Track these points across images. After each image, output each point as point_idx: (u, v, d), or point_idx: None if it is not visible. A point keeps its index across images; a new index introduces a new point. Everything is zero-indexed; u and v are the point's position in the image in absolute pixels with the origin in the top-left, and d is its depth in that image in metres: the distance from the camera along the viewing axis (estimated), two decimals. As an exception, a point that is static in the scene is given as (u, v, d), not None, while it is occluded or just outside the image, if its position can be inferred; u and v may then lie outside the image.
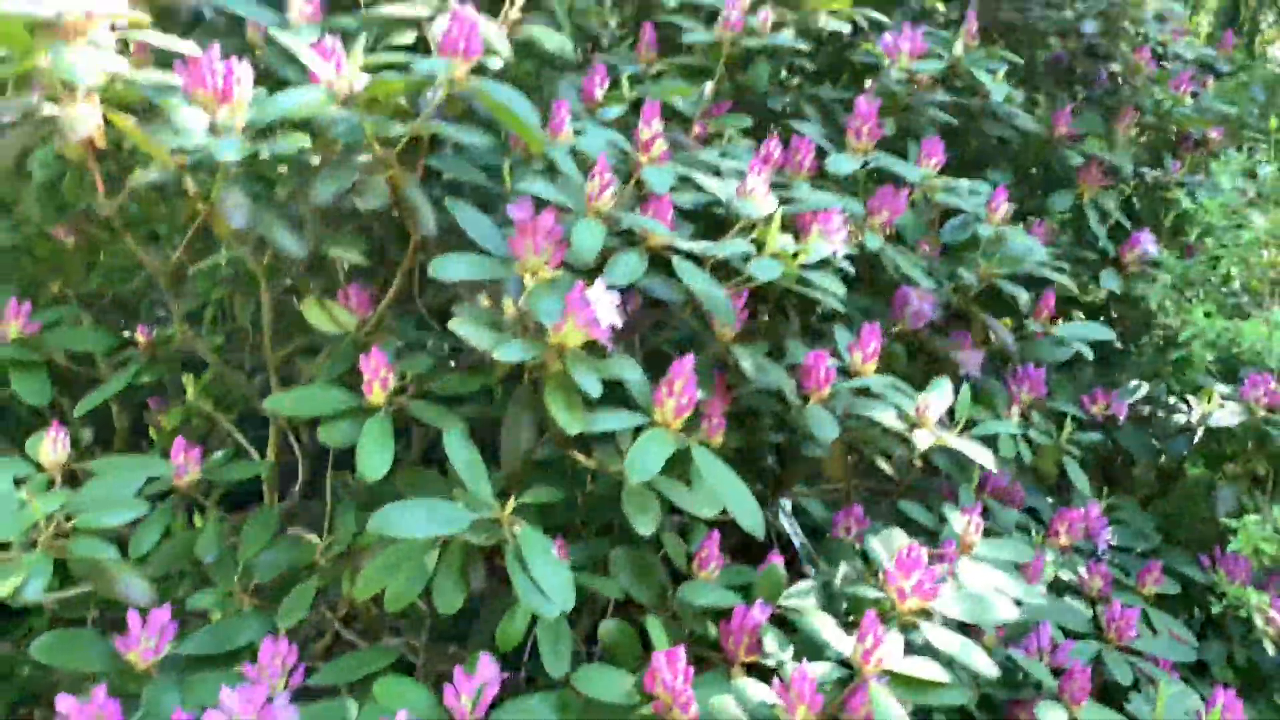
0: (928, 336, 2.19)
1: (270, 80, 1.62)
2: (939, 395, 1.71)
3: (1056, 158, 2.58)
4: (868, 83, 2.47)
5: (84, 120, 1.32)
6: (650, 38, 2.13)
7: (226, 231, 1.54)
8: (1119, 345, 2.88)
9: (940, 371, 2.27)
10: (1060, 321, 2.36)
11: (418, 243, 1.68)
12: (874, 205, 1.94)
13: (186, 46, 1.49)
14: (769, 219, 1.61)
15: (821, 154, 2.01)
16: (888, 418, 1.65)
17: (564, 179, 1.61)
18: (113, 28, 1.42)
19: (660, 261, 1.60)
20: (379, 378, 1.52)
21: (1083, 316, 2.81)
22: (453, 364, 1.83)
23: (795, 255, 1.59)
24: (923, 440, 1.62)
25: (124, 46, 1.50)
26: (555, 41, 1.79)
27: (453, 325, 1.40)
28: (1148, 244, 2.52)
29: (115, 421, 2.22)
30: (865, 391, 1.73)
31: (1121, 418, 2.43)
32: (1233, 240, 2.18)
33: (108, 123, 1.41)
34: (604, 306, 1.41)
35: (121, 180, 1.62)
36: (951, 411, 1.78)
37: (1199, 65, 3.06)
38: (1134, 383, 2.55)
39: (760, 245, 1.59)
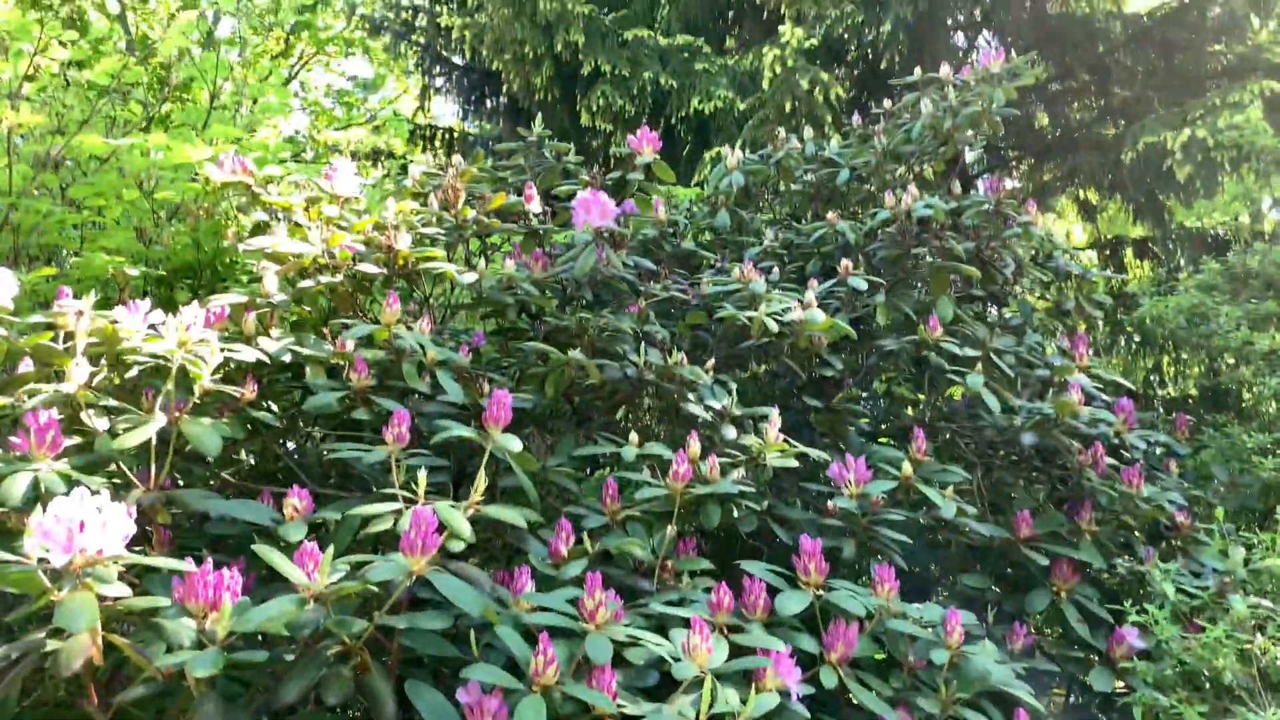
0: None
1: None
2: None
3: (1025, 558, 2.68)
4: (829, 503, 2.65)
5: (80, 653, 1.51)
6: (613, 490, 2.36)
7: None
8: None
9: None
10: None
11: None
12: (829, 641, 2.03)
13: (184, 566, 1.72)
14: (715, 676, 1.71)
15: (778, 590, 2.13)
16: None
17: (516, 655, 1.75)
18: (115, 560, 1.65)
19: (611, 727, 1.69)
20: None
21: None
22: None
23: (739, 714, 1.67)
24: None
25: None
26: (514, 517, 2.01)
27: (400, 822, 1.48)
28: (1132, 638, 2.54)
29: None
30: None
31: (1147, 829, 2.31)
32: (1195, 641, 2.20)
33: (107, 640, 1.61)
34: (545, 791, 1.48)
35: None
36: None
37: (1163, 449, 3.24)
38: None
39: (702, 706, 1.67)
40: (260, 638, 1.80)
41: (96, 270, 2.81)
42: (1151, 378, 5.72)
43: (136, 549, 1.98)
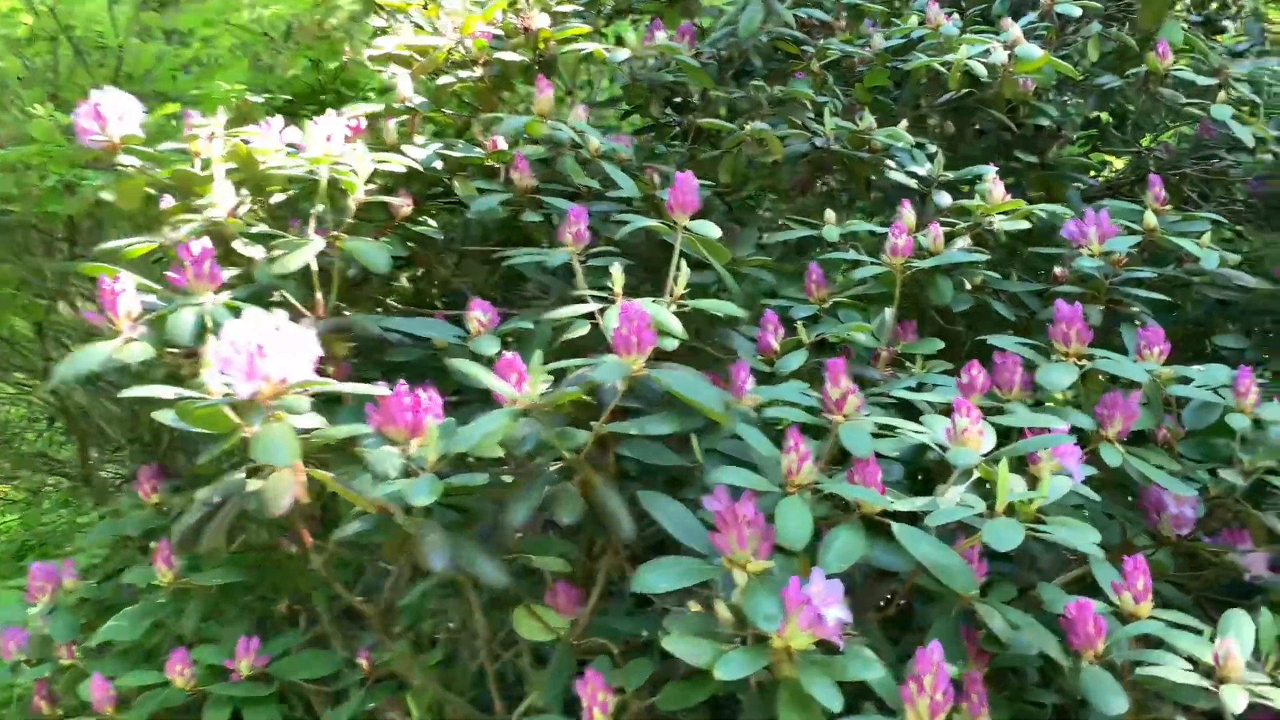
0: (1192, 539, 1.92)
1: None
2: (1239, 634, 1.43)
3: (1293, 309, 2.31)
4: (1056, 269, 2.31)
5: (285, 490, 1.35)
6: (818, 275, 2.08)
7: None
8: None
9: (1217, 579, 1.98)
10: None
11: (617, 540, 1.61)
12: (1103, 414, 1.74)
13: (377, 390, 1.54)
14: (993, 461, 1.46)
15: (1027, 364, 1.85)
16: (1177, 673, 1.38)
17: (757, 455, 1.52)
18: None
19: (877, 526, 1.46)
20: (597, 703, 1.41)
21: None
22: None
23: (1031, 501, 1.42)
24: (1235, 700, 1.34)
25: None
26: (727, 309, 1.76)
27: (666, 645, 1.29)
28: None
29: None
30: (1145, 639, 1.48)
31: None
32: None
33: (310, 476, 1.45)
34: (828, 602, 1.27)
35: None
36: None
37: None
38: None
39: (987, 496, 1.43)
40: (466, 461, 1.62)
41: (219, 102, 2.59)
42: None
43: (316, 383, 1.82)
